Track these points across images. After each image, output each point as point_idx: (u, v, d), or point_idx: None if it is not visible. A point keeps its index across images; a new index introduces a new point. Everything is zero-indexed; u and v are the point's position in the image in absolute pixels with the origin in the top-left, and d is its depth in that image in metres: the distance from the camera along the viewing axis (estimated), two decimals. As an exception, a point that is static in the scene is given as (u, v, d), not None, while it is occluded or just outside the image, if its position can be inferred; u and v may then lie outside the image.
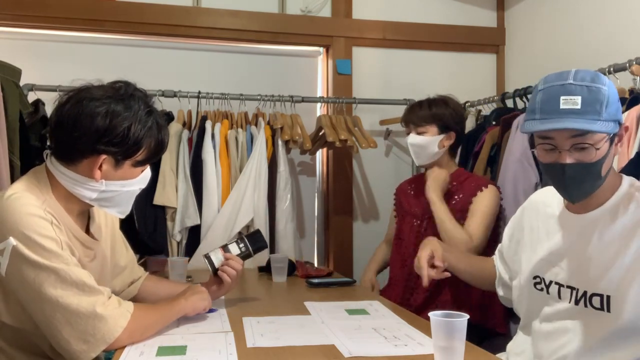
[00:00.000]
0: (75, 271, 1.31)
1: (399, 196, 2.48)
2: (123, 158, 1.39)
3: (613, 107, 1.28)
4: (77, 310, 1.29)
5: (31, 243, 1.28)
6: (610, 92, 1.28)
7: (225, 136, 2.78)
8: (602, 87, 1.27)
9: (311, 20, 3.21)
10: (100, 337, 1.30)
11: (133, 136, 1.37)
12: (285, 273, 2.26)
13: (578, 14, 2.80)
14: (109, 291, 1.39)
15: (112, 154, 1.37)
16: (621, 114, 1.32)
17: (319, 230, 3.30)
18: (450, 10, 3.39)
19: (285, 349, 1.34)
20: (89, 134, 1.34)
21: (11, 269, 1.29)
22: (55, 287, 1.28)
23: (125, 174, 1.43)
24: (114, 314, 1.33)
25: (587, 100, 1.26)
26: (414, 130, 2.26)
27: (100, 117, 1.34)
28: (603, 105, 1.26)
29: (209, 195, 2.70)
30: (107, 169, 1.39)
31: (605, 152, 1.29)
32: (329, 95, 3.22)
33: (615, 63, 2.14)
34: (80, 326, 1.29)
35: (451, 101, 2.30)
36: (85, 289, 1.31)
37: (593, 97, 1.27)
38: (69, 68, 2.90)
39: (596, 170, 1.30)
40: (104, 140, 1.35)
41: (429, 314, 1.19)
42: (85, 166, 1.38)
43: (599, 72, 1.32)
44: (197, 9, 3.06)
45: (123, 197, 1.46)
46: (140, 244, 2.55)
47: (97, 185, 1.40)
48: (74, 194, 1.41)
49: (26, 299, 1.31)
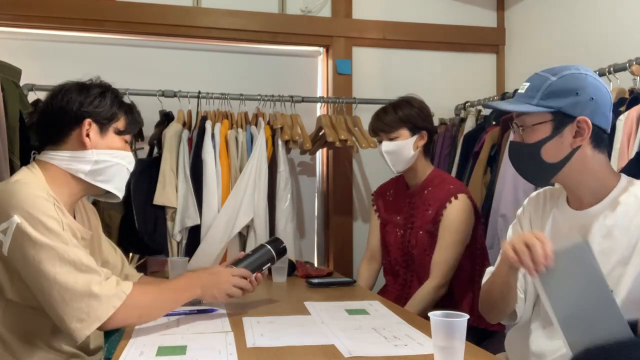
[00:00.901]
0: (74, 250, 1.37)
1: (377, 201, 2.44)
2: (105, 122, 1.53)
3: (560, 98, 1.35)
4: (73, 288, 1.34)
5: (34, 221, 1.35)
6: (561, 85, 1.35)
7: (225, 136, 2.78)
8: (550, 78, 1.36)
9: (311, 20, 3.21)
10: (94, 316, 1.34)
11: (108, 100, 1.54)
12: (285, 273, 2.26)
13: (578, 14, 2.80)
14: (109, 272, 1.44)
15: (94, 117, 1.51)
16: (582, 109, 1.34)
17: (319, 230, 3.30)
18: (450, 10, 3.39)
19: (285, 349, 1.34)
20: (71, 103, 1.50)
21: (13, 246, 1.34)
22: (54, 265, 1.34)
23: (111, 143, 1.54)
24: (109, 294, 1.37)
25: (530, 87, 1.39)
26: (385, 137, 2.22)
27: (75, 91, 1.53)
28: (540, 91, 1.36)
29: (209, 195, 2.70)
30: (94, 137, 1.51)
31: (545, 137, 1.36)
32: (329, 95, 3.22)
33: (615, 63, 2.14)
34: (75, 304, 1.33)
35: (415, 101, 2.27)
36: (82, 268, 1.36)
37: (535, 84, 1.38)
38: (69, 68, 2.85)
39: (532, 152, 1.38)
40: (86, 103, 1.51)
41: (429, 314, 1.19)
42: (75, 138, 1.51)
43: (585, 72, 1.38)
44: (197, 9, 3.06)
45: (115, 171, 1.55)
46: (140, 244, 2.56)
47: (89, 154, 1.50)
48: (71, 171, 1.49)
49: (26, 275, 1.36)
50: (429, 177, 2.24)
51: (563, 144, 1.36)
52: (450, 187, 2.17)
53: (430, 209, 2.17)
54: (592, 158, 1.38)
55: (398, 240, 2.27)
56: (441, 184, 2.20)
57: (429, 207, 2.19)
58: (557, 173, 1.39)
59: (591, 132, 1.35)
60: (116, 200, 1.63)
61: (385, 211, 2.36)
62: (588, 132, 1.34)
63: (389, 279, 2.36)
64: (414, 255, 2.21)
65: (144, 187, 2.59)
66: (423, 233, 2.18)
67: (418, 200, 2.23)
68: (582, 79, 1.36)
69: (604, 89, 1.38)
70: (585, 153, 1.37)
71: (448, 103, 3.30)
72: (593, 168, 1.38)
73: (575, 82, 1.36)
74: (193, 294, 1.57)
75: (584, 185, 1.40)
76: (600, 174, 1.39)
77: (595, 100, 1.35)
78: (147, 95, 2.76)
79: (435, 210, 2.16)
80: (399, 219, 2.28)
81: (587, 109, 1.34)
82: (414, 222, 2.22)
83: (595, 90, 1.36)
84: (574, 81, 1.36)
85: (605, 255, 1.34)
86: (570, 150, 1.36)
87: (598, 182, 1.39)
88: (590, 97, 1.35)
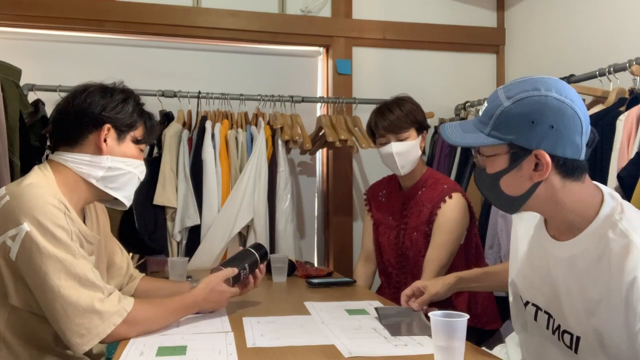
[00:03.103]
0: (81, 264, 1.37)
1: (369, 201, 2.41)
2: (124, 129, 1.52)
3: (513, 127, 1.16)
4: (77, 303, 1.34)
5: (43, 231, 1.34)
6: (515, 111, 1.16)
7: (225, 136, 2.78)
8: (503, 103, 1.17)
9: (311, 20, 3.21)
10: (95, 332, 1.35)
11: (129, 108, 1.53)
12: (285, 273, 2.26)
13: (578, 14, 2.80)
14: (112, 288, 1.44)
15: (114, 122, 1.50)
16: (539, 141, 1.15)
17: (319, 230, 3.30)
18: (450, 10, 3.39)
19: (285, 349, 1.34)
20: (93, 106, 1.49)
21: (21, 253, 1.34)
22: (59, 278, 1.33)
23: (127, 151, 1.54)
24: (111, 310, 1.37)
25: (486, 110, 1.21)
26: (393, 138, 2.14)
27: (99, 93, 1.51)
28: (492, 119, 1.18)
29: (209, 195, 2.70)
30: (111, 143, 1.50)
31: (502, 169, 1.20)
32: (329, 95, 3.22)
33: (615, 63, 2.14)
34: (77, 319, 1.34)
35: (412, 99, 2.24)
36: (86, 283, 1.36)
37: (490, 108, 1.20)
38: (69, 68, 2.91)
39: (492, 183, 1.24)
40: (108, 108, 1.50)
41: (429, 314, 1.19)
42: (92, 143, 1.49)
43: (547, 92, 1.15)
44: (197, 9, 3.06)
45: (126, 179, 1.55)
46: (140, 244, 2.56)
47: (104, 161, 1.49)
48: (83, 176, 1.48)
49: (32, 284, 1.36)
50: (422, 178, 2.22)
51: (522, 177, 1.19)
52: (445, 187, 2.16)
53: (425, 209, 2.16)
54: (563, 189, 1.19)
55: (391, 242, 2.25)
56: (435, 184, 2.18)
57: (423, 207, 2.17)
58: (521, 206, 1.23)
59: (556, 164, 1.17)
60: (122, 207, 1.63)
61: (378, 212, 2.35)
62: (547, 168, 1.16)
63: (383, 280, 2.36)
64: (409, 257, 2.19)
65: (143, 187, 2.58)
66: (417, 234, 2.16)
67: (412, 201, 2.22)
68: (541, 103, 1.14)
69: (569, 112, 1.14)
70: (553, 185, 1.19)
71: (448, 103, 3.30)
72: (564, 200, 1.20)
73: (531, 108, 1.15)
74: (192, 312, 1.59)
75: (557, 217, 1.24)
76: (575, 206, 1.20)
77: (557, 129, 1.14)
78: (147, 95, 2.74)
79: (429, 210, 2.14)
80: (391, 220, 2.26)
81: (545, 139, 1.15)
82: (408, 223, 2.21)
83: (556, 115, 1.14)
84: (530, 107, 1.15)
85: (577, 297, 1.21)
86: (531, 184, 1.19)
87: (573, 215, 1.21)
88: (550, 125, 1.14)
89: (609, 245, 1.15)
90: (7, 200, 1.37)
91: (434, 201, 2.14)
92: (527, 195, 1.21)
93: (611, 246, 1.14)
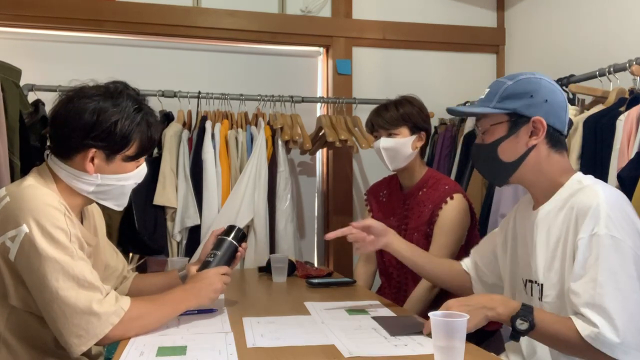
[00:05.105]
0: (79, 265, 1.37)
1: (370, 201, 2.41)
2: (112, 153, 1.46)
3: (515, 100, 1.41)
4: (75, 304, 1.33)
5: (43, 232, 1.34)
6: (516, 88, 1.42)
7: (225, 136, 2.78)
8: (506, 82, 1.44)
9: (311, 20, 3.21)
10: (93, 333, 1.35)
11: (120, 132, 1.43)
12: (285, 273, 2.26)
13: (578, 14, 2.81)
14: (109, 288, 1.43)
15: (100, 148, 1.44)
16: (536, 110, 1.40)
17: (319, 230, 3.30)
18: (450, 10, 3.39)
19: (285, 349, 1.34)
20: (78, 129, 1.41)
21: (20, 254, 1.34)
22: (57, 279, 1.33)
23: (118, 169, 1.49)
24: (108, 311, 1.37)
25: (489, 92, 1.47)
26: (384, 133, 2.20)
27: (88, 113, 1.41)
28: (497, 95, 1.43)
29: (209, 195, 2.70)
30: (98, 163, 1.45)
31: (501, 136, 1.43)
32: (329, 96, 3.23)
33: (615, 63, 2.14)
34: (74, 320, 1.33)
35: (415, 101, 2.26)
36: (85, 284, 1.36)
37: (493, 89, 1.46)
38: (69, 68, 2.90)
39: (490, 152, 1.46)
40: (92, 135, 1.42)
41: (429, 314, 1.19)
42: (79, 160, 1.45)
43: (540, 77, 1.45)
44: (197, 9, 3.06)
45: (119, 191, 1.53)
46: (140, 244, 2.56)
47: (93, 178, 1.46)
48: (74, 188, 1.47)
49: (30, 284, 1.36)
50: (423, 178, 2.22)
51: (519, 143, 1.43)
52: (446, 188, 2.16)
53: (426, 210, 2.15)
54: (547, 158, 1.43)
55: None
56: (436, 185, 2.18)
57: (424, 208, 2.17)
58: (514, 172, 1.45)
59: (546, 132, 1.41)
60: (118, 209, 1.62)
61: (379, 212, 2.34)
62: (543, 132, 1.40)
63: (384, 280, 2.35)
64: None
65: (143, 187, 2.59)
66: (418, 235, 2.16)
67: (413, 201, 2.22)
68: (537, 82, 1.43)
69: (558, 92, 1.44)
70: (540, 153, 1.43)
71: (448, 103, 3.26)
72: (546, 169, 1.43)
73: (529, 85, 1.42)
74: (188, 304, 1.56)
75: (537, 185, 1.46)
76: (552, 175, 1.44)
77: (550, 102, 1.41)
78: (147, 95, 2.72)
79: (430, 210, 2.14)
80: (392, 220, 2.26)
81: (541, 110, 1.41)
82: (408, 223, 2.20)
83: (549, 92, 1.42)
84: (528, 84, 1.43)
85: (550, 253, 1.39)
86: (525, 149, 1.42)
87: (549, 182, 1.44)
88: (545, 99, 1.41)
89: (576, 196, 1.36)
90: (8, 201, 1.38)
91: (435, 202, 2.14)
92: (520, 161, 1.43)
93: (577, 196, 1.36)
